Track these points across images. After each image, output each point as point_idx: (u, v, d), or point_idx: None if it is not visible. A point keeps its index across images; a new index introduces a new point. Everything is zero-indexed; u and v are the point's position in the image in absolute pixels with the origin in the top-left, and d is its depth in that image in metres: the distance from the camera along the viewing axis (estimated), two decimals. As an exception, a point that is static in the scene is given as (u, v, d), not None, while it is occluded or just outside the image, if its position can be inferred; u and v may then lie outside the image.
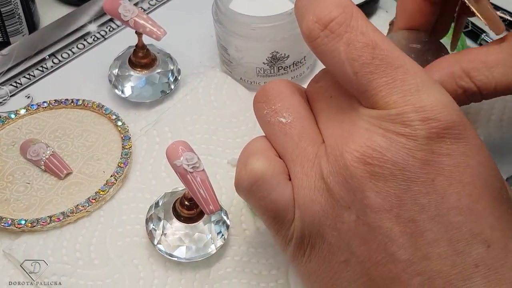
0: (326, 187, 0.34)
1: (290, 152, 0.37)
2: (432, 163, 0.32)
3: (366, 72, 0.34)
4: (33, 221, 0.49)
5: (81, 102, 0.56)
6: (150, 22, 0.54)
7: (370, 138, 0.33)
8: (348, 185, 0.33)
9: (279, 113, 0.38)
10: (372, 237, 0.33)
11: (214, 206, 0.42)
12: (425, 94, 0.33)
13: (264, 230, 0.49)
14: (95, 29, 0.64)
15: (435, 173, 0.32)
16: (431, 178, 0.32)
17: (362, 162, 0.33)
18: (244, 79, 0.57)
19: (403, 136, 0.32)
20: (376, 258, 0.33)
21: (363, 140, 0.33)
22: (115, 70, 0.57)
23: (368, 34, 0.34)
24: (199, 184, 0.42)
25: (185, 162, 0.41)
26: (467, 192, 0.33)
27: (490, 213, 0.33)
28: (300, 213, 0.36)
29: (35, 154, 0.52)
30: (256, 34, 0.53)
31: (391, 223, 0.33)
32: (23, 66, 0.61)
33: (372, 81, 0.34)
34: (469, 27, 0.61)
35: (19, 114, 0.56)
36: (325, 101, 0.37)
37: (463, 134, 0.33)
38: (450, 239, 0.32)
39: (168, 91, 0.57)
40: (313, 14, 0.35)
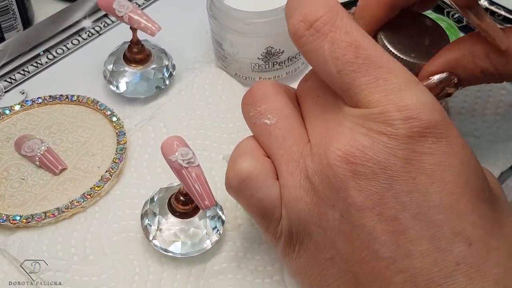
0: (311, 186, 0.35)
1: (276, 152, 0.37)
2: (414, 162, 0.33)
3: (349, 71, 0.34)
4: (28, 217, 0.49)
5: (76, 98, 0.56)
6: (145, 18, 0.54)
7: (353, 137, 0.34)
8: (331, 184, 0.34)
9: (264, 114, 0.38)
10: (355, 235, 0.33)
11: (209, 201, 0.42)
12: (407, 93, 0.33)
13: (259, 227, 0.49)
14: (90, 24, 0.64)
15: (417, 171, 0.33)
16: (412, 177, 0.33)
17: (344, 161, 0.33)
18: (239, 74, 0.57)
19: (385, 135, 0.33)
20: (359, 255, 0.34)
21: (346, 139, 0.34)
22: (109, 65, 0.57)
23: (352, 33, 0.34)
24: (194, 179, 0.42)
25: (180, 157, 0.41)
26: (448, 190, 0.33)
27: (471, 211, 0.33)
28: (286, 211, 0.36)
29: (30, 150, 0.52)
30: (250, 29, 0.53)
31: (373, 222, 0.33)
32: (18, 62, 0.61)
33: (355, 79, 0.34)
34: (463, 22, 0.61)
35: (13, 110, 0.56)
36: (312, 100, 0.38)
37: (445, 133, 0.33)
38: (432, 237, 0.32)
39: (163, 86, 0.57)
40: (299, 13, 0.35)
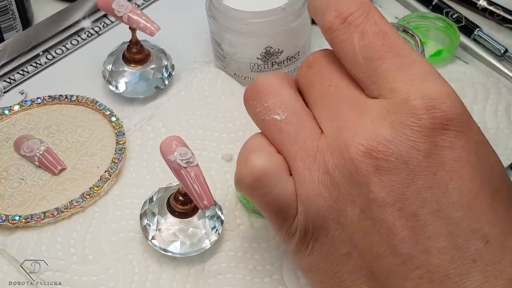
0: (331, 181, 0.34)
1: (289, 148, 0.37)
2: (435, 156, 0.33)
3: (375, 57, 0.35)
4: (27, 217, 0.49)
5: (75, 98, 0.56)
6: (144, 18, 0.54)
7: (376, 131, 0.33)
8: (353, 178, 0.33)
9: (272, 110, 0.38)
10: (375, 231, 0.33)
11: (208, 201, 0.42)
12: (430, 83, 0.34)
13: (258, 225, 0.49)
14: (89, 25, 0.64)
15: (437, 166, 0.33)
16: (433, 172, 0.33)
17: (367, 156, 0.33)
18: (238, 74, 0.57)
19: (408, 126, 0.33)
20: (377, 251, 0.33)
21: (368, 133, 0.33)
22: (109, 65, 0.57)
23: (380, 24, 0.35)
24: (193, 179, 0.42)
25: (179, 157, 0.41)
26: (467, 187, 0.33)
27: (489, 209, 0.33)
28: (303, 208, 0.36)
29: (29, 150, 0.52)
30: (249, 29, 0.53)
31: (393, 217, 0.33)
32: (17, 62, 0.61)
33: (380, 66, 0.34)
34: (462, 22, 0.61)
35: (13, 110, 0.56)
36: (323, 89, 0.37)
37: (465, 128, 0.33)
38: (450, 234, 0.32)
39: (162, 86, 0.57)
40: (334, 9, 0.36)
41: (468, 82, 0.57)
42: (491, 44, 0.60)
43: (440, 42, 0.59)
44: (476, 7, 0.62)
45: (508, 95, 0.56)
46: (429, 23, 0.60)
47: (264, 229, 0.49)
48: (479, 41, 0.60)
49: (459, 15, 0.61)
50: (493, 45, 0.60)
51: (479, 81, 0.57)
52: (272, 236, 0.48)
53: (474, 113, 0.55)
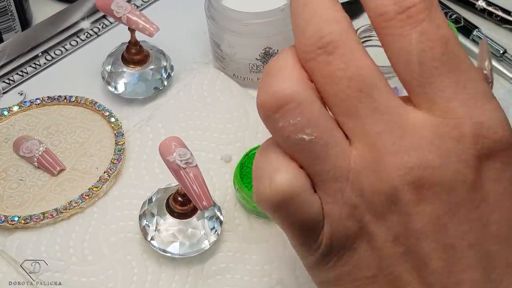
0: (366, 205, 0.31)
1: (317, 168, 0.32)
2: (479, 187, 0.31)
3: (432, 66, 0.31)
4: (26, 218, 0.49)
5: (74, 99, 0.56)
6: (143, 19, 0.54)
7: (423, 157, 0.30)
8: (392, 205, 0.31)
9: (299, 129, 0.32)
10: (407, 259, 0.32)
11: (207, 202, 0.42)
12: (485, 107, 0.31)
13: (257, 226, 0.49)
14: (88, 26, 0.64)
15: (480, 199, 0.31)
16: (476, 204, 0.31)
17: (411, 185, 0.30)
18: (237, 75, 0.57)
19: (456, 155, 0.30)
20: (406, 279, 0.32)
21: (414, 158, 0.30)
22: (108, 66, 0.57)
23: (444, 28, 0.31)
24: (192, 180, 0.41)
25: (178, 158, 0.41)
26: (506, 220, 0.31)
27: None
28: (332, 228, 0.33)
29: (28, 150, 0.52)
30: (248, 30, 0.53)
31: (429, 248, 0.31)
32: (16, 63, 0.61)
33: (436, 77, 0.31)
34: (461, 22, 0.61)
35: (12, 111, 0.56)
36: (355, 95, 0.32)
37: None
38: (485, 267, 0.31)
39: (161, 87, 0.57)
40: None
41: (467, 82, 0.57)
42: (490, 45, 0.60)
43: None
44: (475, 8, 0.63)
45: (507, 95, 0.56)
46: (428, 24, 0.60)
47: (263, 229, 0.49)
48: (478, 42, 0.61)
49: (458, 16, 0.62)
50: (492, 46, 0.60)
51: (478, 81, 0.57)
52: (270, 236, 0.48)
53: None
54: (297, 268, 0.47)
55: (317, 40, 0.31)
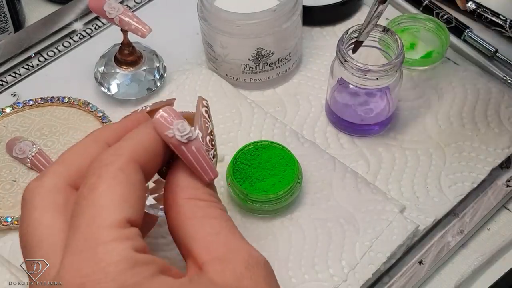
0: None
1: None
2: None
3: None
4: (19, 219, 0.49)
5: (67, 100, 0.56)
6: (135, 20, 0.54)
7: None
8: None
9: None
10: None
11: (213, 174, 0.39)
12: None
13: (250, 225, 0.49)
14: (81, 27, 0.64)
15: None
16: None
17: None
18: (230, 75, 0.58)
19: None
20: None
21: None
22: (101, 67, 0.57)
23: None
24: (195, 154, 0.39)
25: (178, 133, 0.38)
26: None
27: None
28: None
29: (21, 152, 0.52)
30: (240, 30, 0.54)
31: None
32: (9, 65, 0.61)
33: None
34: (452, 23, 0.61)
35: (5, 112, 0.56)
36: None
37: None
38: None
39: (154, 88, 0.57)
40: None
41: (458, 83, 0.58)
42: (481, 45, 0.60)
43: (430, 44, 0.59)
44: (465, 10, 0.63)
45: (498, 95, 0.57)
46: (420, 24, 0.60)
47: (256, 228, 0.49)
48: (470, 42, 0.61)
49: (450, 16, 0.62)
50: (484, 46, 0.60)
51: (469, 81, 0.58)
52: (263, 235, 0.48)
53: (464, 113, 0.56)
54: (290, 268, 0.47)
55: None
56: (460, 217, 0.51)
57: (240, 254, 0.35)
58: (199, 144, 0.39)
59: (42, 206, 0.35)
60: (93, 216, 0.33)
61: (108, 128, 0.40)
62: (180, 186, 0.38)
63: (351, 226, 0.49)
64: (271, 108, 0.57)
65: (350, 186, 0.51)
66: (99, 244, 0.32)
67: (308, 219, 0.49)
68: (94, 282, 0.31)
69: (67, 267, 0.32)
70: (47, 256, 0.34)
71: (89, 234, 0.33)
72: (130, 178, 0.35)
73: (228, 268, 0.35)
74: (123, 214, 0.34)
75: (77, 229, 0.33)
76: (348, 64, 0.49)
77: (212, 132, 0.41)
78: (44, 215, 0.35)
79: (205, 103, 0.41)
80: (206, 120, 0.41)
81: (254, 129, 0.55)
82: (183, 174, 0.38)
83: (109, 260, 0.32)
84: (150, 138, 0.37)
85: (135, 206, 0.35)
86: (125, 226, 0.33)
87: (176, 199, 0.37)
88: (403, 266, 0.49)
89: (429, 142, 0.54)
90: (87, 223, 0.33)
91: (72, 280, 0.32)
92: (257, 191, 0.48)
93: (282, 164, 0.49)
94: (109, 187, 0.34)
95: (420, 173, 0.53)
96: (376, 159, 0.54)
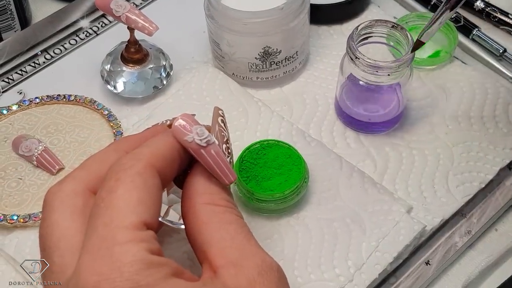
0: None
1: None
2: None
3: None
4: (25, 217, 0.49)
5: (73, 98, 0.56)
6: (142, 18, 0.54)
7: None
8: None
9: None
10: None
11: (233, 176, 0.40)
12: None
13: (256, 224, 0.49)
14: (87, 24, 0.64)
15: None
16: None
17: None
18: (236, 74, 0.57)
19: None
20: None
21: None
22: (107, 65, 0.57)
23: None
24: (214, 157, 0.39)
25: (197, 138, 0.39)
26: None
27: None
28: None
29: (27, 149, 0.52)
30: (248, 29, 0.53)
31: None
32: (15, 62, 0.61)
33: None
34: (461, 22, 0.61)
35: (11, 109, 0.56)
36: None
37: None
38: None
39: (160, 86, 0.57)
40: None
41: (466, 82, 0.57)
42: (489, 44, 0.60)
43: (438, 43, 0.59)
44: (473, 9, 0.62)
45: (507, 94, 0.56)
46: (428, 23, 0.60)
47: (262, 227, 0.49)
48: (478, 41, 0.60)
49: (458, 15, 0.61)
50: (492, 45, 0.60)
51: (477, 81, 0.57)
52: (269, 235, 0.48)
53: (472, 113, 0.55)
54: (296, 267, 0.47)
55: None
56: (467, 218, 0.51)
57: (253, 259, 0.36)
58: (217, 148, 0.40)
59: (61, 209, 0.37)
60: (111, 217, 0.34)
61: (128, 139, 0.42)
62: (198, 191, 0.39)
63: (357, 226, 0.49)
64: (277, 107, 0.57)
65: (356, 185, 0.51)
66: (115, 245, 0.33)
67: (315, 218, 0.49)
68: (109, 281, 0.32)
69: (83, 265, 0.33)
70: (63, 256, 0.35)
71: (106, 235, 0.34)
72: (147, 182, 0.36)
73: (242, 272, 0.35)
74: (139, 216, 0.35)
75: (94, 229, 0.34)
76: (358, 60, 0.49)
77: (228, 140, 0.42)
78: (63, 217, 0.36)
79: (221, 112, 0.43)
80: (222, 129, 0.42)
81: (261, 128, 0.54)
82: (201, 180, 0.39)
83: (124, 260, 0.33)
84: (167, 145, 0.39)
85: (151, 209, 0.36)
86: (141, 228, 0.34)
87: (193, 205, 0.38)
88: (409, 266, 0.49)
89: (436, 142, 0.54)
90: (105, 224, 0.34)
91: (88, 278, 0.32)
92: (263, 190, 0.48)
93: (289, 163, 0.49)
94: (127, 190, 0.35)
95: (428, 173, 0.52)
96: (383, 158, 0.53)
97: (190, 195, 0.39)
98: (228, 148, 0.41)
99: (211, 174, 0.39)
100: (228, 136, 0.42)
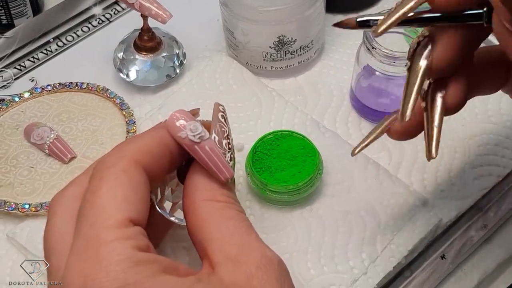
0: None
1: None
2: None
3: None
4: (37, 205, 0.48)
5: (86, 86, 0.56)
6: (156, 5, 0.53)
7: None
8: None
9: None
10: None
11: (228, 173, 0.40)
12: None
13: (269, 216, 0.48)
14: (100, 11, 0.63)
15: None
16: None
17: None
18: (250, 63, 0.57)
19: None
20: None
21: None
22: (120, 53, 0.56)
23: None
24: (209, 153, 0.39)
25: (190, 134, 0.39)
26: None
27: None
28: None
29: (39, 137, 0.52)
30: (262, 17, 0.53)
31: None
32: (27, 49, 0.60)
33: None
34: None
35: (23, 97, 0.56)
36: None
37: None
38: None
39: (173, 75, 0.56)
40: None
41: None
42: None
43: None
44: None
45: None
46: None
47: (274, 219, 0.48)
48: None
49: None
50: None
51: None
52: (282, 226, 0.48)
53: (490, 105, 0.55)
54: (309, 259, 0.46)
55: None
56: (484, 212, 0.50)
57: (253, 254, 0.36)
58: (212, 143, 0.39)
59: (60, 213, 0.37)
60: (95, 217, 0.34)
61: (130, 141, 0.41)
62: (198, 188, 0.38)
63: (372, 219, 0.48)
64: (291, 97, 0.56)
65: (371, 178, 0.50)
66: (101, 244, 0.33)
67: (328, 210, 0.49)
68: (95, 281, 0.32)
69: (69, 268, 0.33)
70: (59, 258, 0.35)
71: (91, 235, 0.33)
72: (133, 179, 0.35)
73: (239, 268, 0.35)
74: (124, 214, 0.34)
75: (80, 231, 0.34)
76: (375, 51, 0.49)
77: (229, 136, 0.41)
78: (62, 221, 0.36)
79: (222, 108, 0.42)
80: (222, 124, 0.41)
81: (275, 118, 0.54)
82: (201, 177, 0.39)
83: (110, 259, 0.32)
84: (155, 140, 0.38)
85: (138, 206, 0.35)
86: (127, 225, 0.34)
87: (193, 201, 0.38)
88: (425, 260, 0.48)
89: (453, 134, 0.53)
90: (90, 224, 0.34)
91: (74, 279, 0.32)
92: (277, 181, 0.47)
93: (303, 155, 0.48)
94: (110, 188, 0.35)
95: (444, 166, 0.52)
96: (398, 150, 0.53)
97: (190, 192, 0.39)
98: (229, 143, 0.41)
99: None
100: (229, 132, 0.42)
